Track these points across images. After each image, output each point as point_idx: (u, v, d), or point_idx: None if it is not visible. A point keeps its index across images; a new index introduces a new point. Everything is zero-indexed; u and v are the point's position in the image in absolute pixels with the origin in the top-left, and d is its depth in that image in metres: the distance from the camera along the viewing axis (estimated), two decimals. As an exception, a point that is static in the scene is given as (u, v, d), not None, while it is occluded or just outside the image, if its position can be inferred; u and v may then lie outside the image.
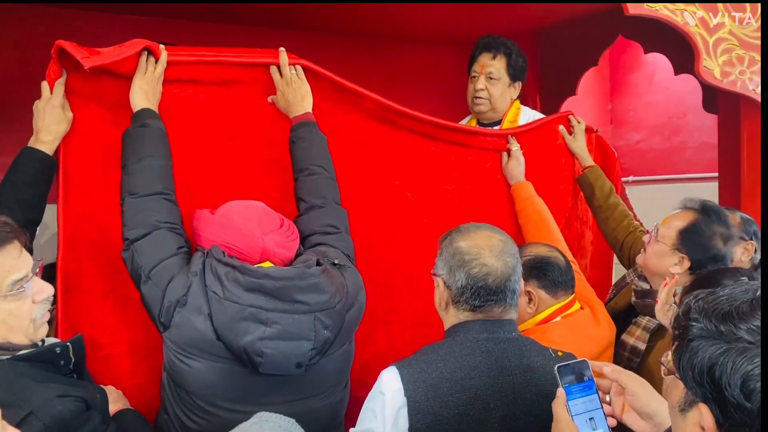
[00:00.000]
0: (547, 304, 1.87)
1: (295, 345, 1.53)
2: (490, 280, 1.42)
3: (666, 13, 2.42)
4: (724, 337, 0.77)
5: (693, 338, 0.81)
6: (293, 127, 1.86)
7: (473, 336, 1.43)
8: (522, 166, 2.34)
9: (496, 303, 1.44)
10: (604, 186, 2.45)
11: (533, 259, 1.88)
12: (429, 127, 2.20)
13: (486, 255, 1.44)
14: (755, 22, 2.63)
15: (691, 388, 0.81)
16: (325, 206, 1.81)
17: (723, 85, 2.57)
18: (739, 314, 0.78)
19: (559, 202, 2.49)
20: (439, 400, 1.35)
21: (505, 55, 2.58)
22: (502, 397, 1.36)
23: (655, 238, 1.99)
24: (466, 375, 1.37)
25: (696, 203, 2.02)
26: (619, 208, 2.43)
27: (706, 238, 1.93)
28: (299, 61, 1.90)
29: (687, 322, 0.83)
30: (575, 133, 2.51)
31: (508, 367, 1.39)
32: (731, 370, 0.75)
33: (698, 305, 0.83)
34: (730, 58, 2.57)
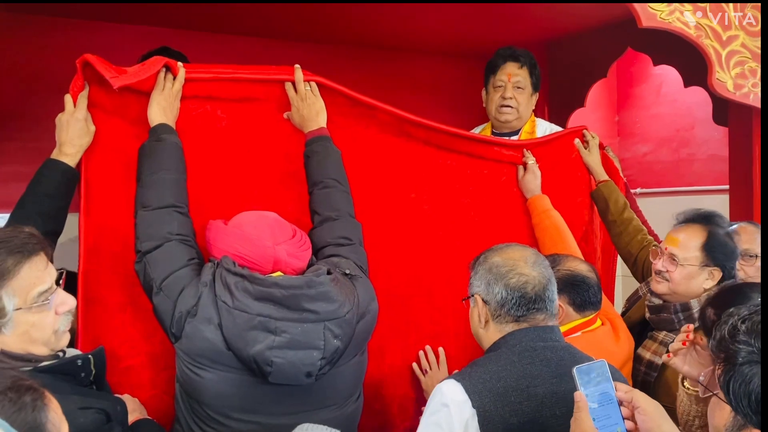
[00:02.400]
0: (571, 319, 1.87)
1: (305, 354, 1.52)
2: (529, 288, 1.44)
3: (679, 26, 2.41)
4: None
5: (744, 362, 0.79)
6: (308, 141, 1.87)
7: (529, 344, 1.43)
8: (538, 179, 2.34)
9: (538, 311, 1.45)
10: (618, 200, 2.44)
11: (571, 275, 1.89)
12: (444, 138, 2.20)
13: (522, 265, 1.46)
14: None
15: (745, 416, 0.79)
16: (339, 218, 1.80)
17: (736, 98, 2.57)
18: None
19: (576, 216, 2.48)
20: (509, 409, 1.34)
21: (529, 66, 2.62)
22: (566, 404, 1.34)
23: (677, 263, 1.97)
24: (530, 383, 1.37)
25: (693, 215, 2.03)
26: (633, 223, 2.42)
27: (726, 244, 1.96)
28: (314, 78, 1.91)
29: (735, 344, 0.81)
30: (590, 147, 2.51)
31: (566, 375, 1.36)
32: None
33: (746, 326, 0.81)
34: (743, 70, 2.56)
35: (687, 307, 1.95)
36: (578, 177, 2.52)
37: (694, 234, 1.98)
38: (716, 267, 1.95)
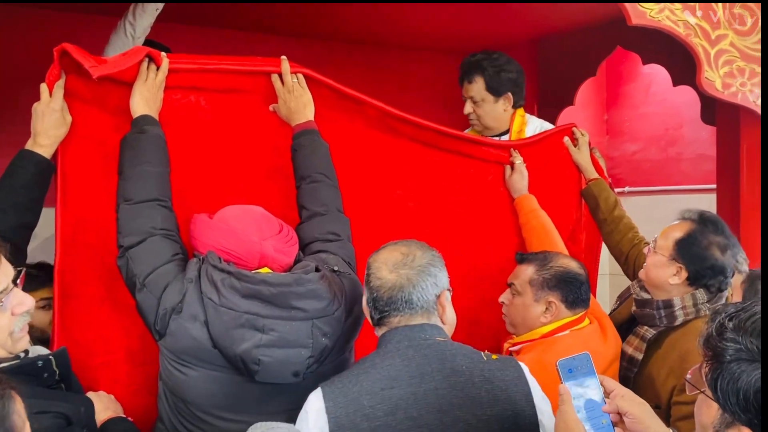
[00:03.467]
0: (562, 316, 1.88)
1: (293, 353, 1.51)
2: (381, 292, 1.44)
3: (668, 24, 2.41)
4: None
5: (731, 360, 0.78)
6: (295, 134, 1.85)
7: (394, 345, 1.42)
8: (525, 179, 2.34)
9: (390, 314, 1.44)
10: (608, 198, 2.44)
11: (564, 272, 1.90)
12: (431, 135, 2.18)
13: (382, 269, 1.46)
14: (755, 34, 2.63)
15: (733, 413, 0.79)
16: (327, 214, 1.79)
17: (724, 97, 2.57)
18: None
19: (564, 215, 2.48)
20: (360, 414, 1.32)
21: (480, 76, 2.55)
22: (425, 404, 1.34)
23: (653, 249, 1.99)
24: (386, 385, 1.35)
25: (694, 214, 2.03)
26: (623, 221, 2.42)
27: (702, 247, 1.93)
28: (301, 70, 1.89)
29: (723, 342, 0.80)
30: (579, 145, 2.51)
31: (429, 373, 1.37)
32: None
33: (734, 324, 0.80)
34: (731, 69, 2.57)
35: (669, 304, 1.96)
36: (567, 175, 2.52)
37: (679, 228, 1.99)
38: (682, 265, 1.94)
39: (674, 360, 1.90)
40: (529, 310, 1.89)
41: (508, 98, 2.58)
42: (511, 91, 2.57)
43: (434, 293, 1.46)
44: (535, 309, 1.89)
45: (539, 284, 1.89)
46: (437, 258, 1.51)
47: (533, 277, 1.90)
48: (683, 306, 1.94)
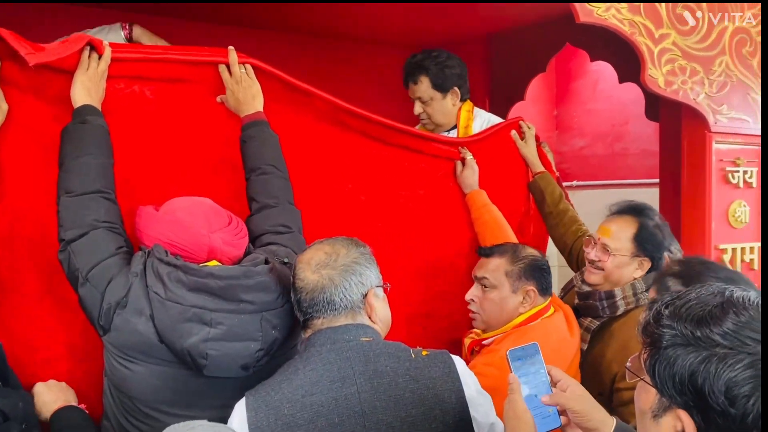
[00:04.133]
0: (537, 304, 1.92)
1: (242, 346, 1.48)
2: (303, 293, 1.42)
3: (614, 22, 2.48)
4: (700, 343, 0.78)
5: (668, 346, 0.80)
6: (244, 126, 1.82)
7: (316, 349, 1.38)
8: (476, 174, 2.36)
9: (313, 316, 1.42)
10: (554, 192, 2.49)
11: (537, 261, 1.95)
12: (381, 130, 2.17)
13: (304, 269, 1.44)
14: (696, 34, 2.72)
15: (670, 397, 0.81)
16: (278, 206, 1.77)
17: (666, 94, 2.65)
18: (713, 318, 0.78)
19: (512, 207, 2.51)
20: (281, 423, 1.29)
21: (425, 75, 2.56)
22: (346, 409, 1.31)
23: (610, 253, 2.03)
24: (307, 392, 1.32)
25: (625, 207, 2.10)
26: (568, 214, 2.48)
27: (655, 234, 2.04)
28: (249, 60, 1.86)
29: (659, 328, 0.82)
30: (526, 139, 2.54)
31: (351, 376, 1.34)
32: (714, 378, 0.75)
33: (669, 311, 0.83)
34: (673, 68, 2.65)
35: (611, 295, 2.02)
36: (515, 169, 2.55)
37: (626, 225, 2.05)
38: (646, 258, 2.02)
39: (616, 348, 1.96)
40: (507, 301, 1.91)
41: (455, 93, 2.61)
42: (456, 85, 2.60)
43: (360, 292, 1.43)
44: (513, 300, 1.91)
45: (517, 275, 1.91)
46: (365, 255, 1.49)
47: (509, 268, 1.93)
48: (624, 296, 2.01)
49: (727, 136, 2.83)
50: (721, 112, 2.79)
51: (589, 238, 2.15)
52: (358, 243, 1.51)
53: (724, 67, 2.79)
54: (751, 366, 0.73)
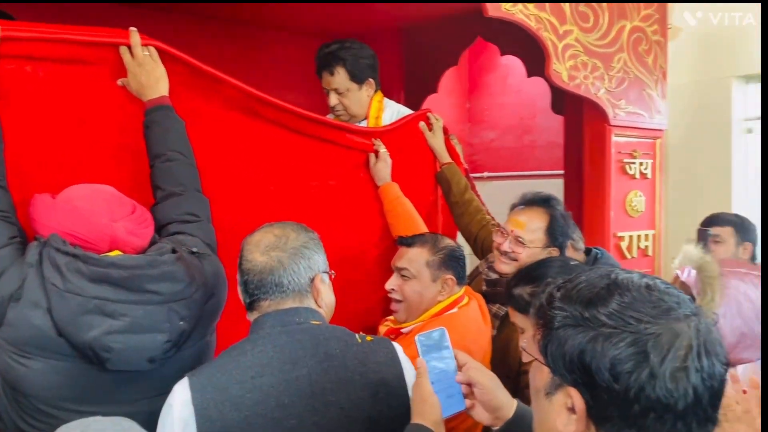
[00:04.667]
0: (453, 292, 1.95)
1: (148, 338, 1.43)
2: (251, 275, 1.41)
3: (521, 17, 2.56)
4: (588, 323, 0.81)
5: (559, 327, 0.84)
6: (148, 110, 1.75)
7: (265, 331, 1.38)
8: (389, 167, 2.38)
9: (260, 298, 1.41)
10: (460, 182, 2.55)
11: (453, 250, 1.98)
12: (294, 119, 2.14)
13: (253, 251, 1.43)
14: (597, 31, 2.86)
15: (561, 375, 0.84)
16: (184, 194, 1.71)
17: (570, 88, 2.77)
18: (599, 300, 0.82)
19: (421, 197, 2.54)
20: (229, 404, 1.28)
21: (341, 67, 2.54)
22: (297, 391, 1.31)
23: (524, 245, 2.10)
24: (256, 373, 1.31)
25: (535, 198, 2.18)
26: (473, 204, 2.54)
27: (563, 226, 2.14)
28: (153, 43, 1.77)
29: (552, 310, 0.85)
30: (434, 130, 2.58)
31: (302, 358, 1.34)
32: (600, 356, 0.79)
33: (561, 293, 0.86)
34: (576, 63, 2.77)
35: None
36: (423, 160, 2.58)
37: (538, 217, 2.12)
38: (555, 247, 2.11)
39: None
40: (427, 290, 1.94)
41: (370, 84, 2.61)
42: (371, 76, 2.60)
43: (308, 276, 1.43)
44: (433, 289, 1.94)
45: (437, 264, 1.94)
46: (313, 240, 1.49)
47: (430, 258, 1.95)
48: None
49: (625, 129, 2.99)
50: (620, 106, 2.95)
51: (500, 229, 2.20)
52: (307, 229, 1.51)
53: (622, 64, 2.95)
54: (634, 344, 0.77)
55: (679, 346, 0.78)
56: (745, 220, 2.74)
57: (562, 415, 0.84)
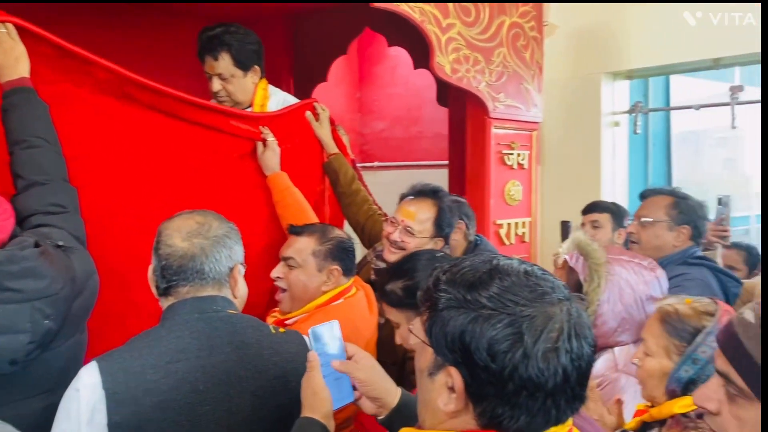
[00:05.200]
0: (340, 284, 1.95)
1: (8, 339, 1.34)
2: (171, 260, 1.39)
3: (405, 9, 2.59)
4: (470, 305, 0.84)
5: (443, 308, 0.87)
6: (5, 93, 1.62)
7: (183, 318, 1.37)
8: (277, 156, 2.34)
9: (179, 284, 1.40)
10: (347, 173, 2.56)
11: (343, 242, 1.97)
12: (173, 104, 2.04)
13: (174, 236, 1.41)
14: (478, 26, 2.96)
15: (443, 355, 0.87)
16: (49, 183, 1.60)
17: (452, 81, 2.85)
18: (481, 283, 0.86)
19: (309, 188, 2.51)
20: (142, 389, 1.27)
21: (226, 51, 2.45)
22: (213, 377, 1.33)
23: (414, 235, 2.15)
24: (172, 359, 1.30)
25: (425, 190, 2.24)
26: (360, 194, 2.57)
27: (450, 217, 2.21)
28: (11, 19, 1.64)
29: (437, 293, 0.88)
30: (321, 120, 2.56)
31: (219, 346, 1.35)
32: (479, 336, 0.82)
33: (446, 277, 0.89)
34: (458, 56, 2.85)
35: None
36: (310, 150, 2.56)
37: (427, 208, 2.18)
38: (441, 238, 2.17)
39: (408, 318, 2.09)
40: (312, 280, 1.92)
41: (255, 71, 2.55)
42: (257, 63, 2.54)
43: (228, 266, 1.42)
44: (318, 279, 1.92)
45: (323, 255, 1.93)
46: (233, 230, 1.48)
47: (316, 248, 1.94)
48: None
49: (504, 122, 3.12)
50: (499, 99, 3.07)
51: (391, 219, 2.23)
52: (225, 219, 1.49)
53: (501, 59, 3.07)
54: (510, 325, 0.82)
55: (551, 328, 0.82)
56: (621, 207, 2.94)
57: (443, 394, 0.87)
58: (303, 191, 2.39)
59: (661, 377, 1.39)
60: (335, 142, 2.60)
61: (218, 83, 2.49)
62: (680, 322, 1.39)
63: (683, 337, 1.38)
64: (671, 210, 2.30)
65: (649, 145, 4.75)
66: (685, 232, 2.27)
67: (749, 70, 4.79)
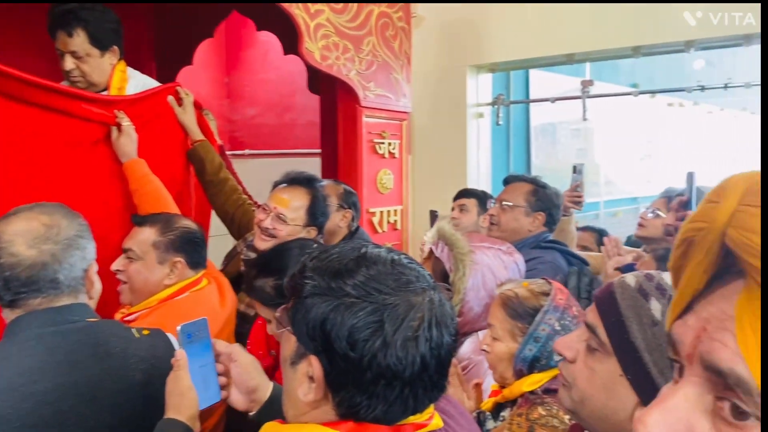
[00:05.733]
0: (185, 277, 1.85)
1: None
2: (18, 270, 1.25)
3: (273, -7, 2.53)
4: (334, 293, 0.83)
5: (307, 295, 0.85)
6: None
7: (35, 332, 1.24)
8: (134, 142, 2.21)
9: (29, 295, 1.26)
10: (214, 161, 2.47)
11: (189, 233, 1.88)
12: (18, 86, 1.87)
13: (17, 243, 1.26)
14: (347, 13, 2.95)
15: (304, 343, 0.85)
16: None
17: (322, 68, 2.83)
18: (347, 271, 0.84)
19: (171, 177, 2.39)
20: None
21: (82, 29, 2.28)
22: (76, 395, 1.21)
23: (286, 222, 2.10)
24: (28, 380, 1.18)
25: (299, 178, 2.21)
26: (229, 183, 2.48)
27: (324, 206, 2.20)
28: None
29: (302, 280, 0.86)
30: (184, 106, 2.45)
31: (82, 361, 1.24)
32: (339, 324, 0.81)
33: (312, 264, 0.88)
34: (328, 43, 2.83)
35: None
36: (172, 136, 2.44)
37: (300, 196, 2.14)
38: (314, 227, 2.15)
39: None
40: (153, 273, 1.82)
41: (114, 51, 2.38)
42: (116, 43, 2.38)
43: (82, 268, 1.30)
44: (159, 272, 1.82)
45: (165, 246, 1.84)
46: (84, 226, 1.35)
47: (157, 239, 1.84)
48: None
49: (375, 111, 3.15)
50: (370, 88, 3.09)
51: (263, 206, 2.18)
52: (74, 212, 1.35)
53: (371, 47, 3.09)
54: (372, 313, 0.81)
55: (413, 317, 0.82)
56: (487, 194, 3.07)
57: (303, 383, 0.86)
58: (166, 180, 2.27)
59: (510, 359, 1.46)
60: (201, 128, 2.49)
61: (71, 62, 2.30)
62: (520, 305, 1.47)
63: (525, 318, 1.45)
64: (530, 197, 2.44)
65: (511, 136, 5.02)
66: (540, 219, 2.42)
67: (599, 65, 5.21)
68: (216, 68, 4.63)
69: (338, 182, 2.65)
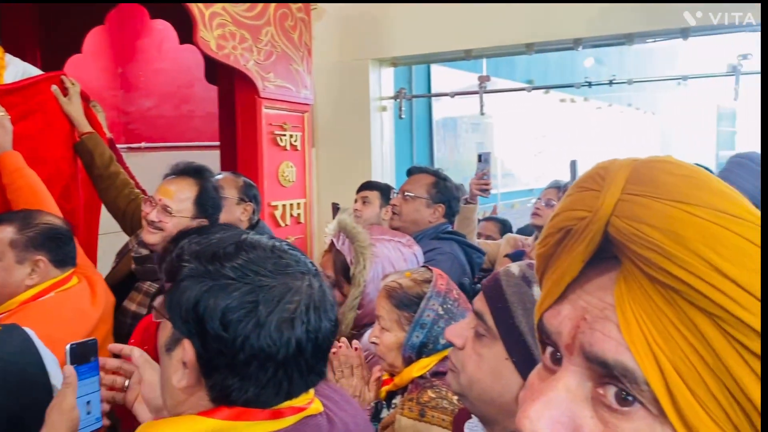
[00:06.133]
0: (50, 277, 1.74)
1: None
2: None
3: (164, -21, 2.44)
4: (210, 275, 0.81)
5: (183, 278, 0.83)
6: None
7: None
8: (9, 134, 2.06)
9: None
10: (103, 154, 2.35)
11: (51, 229, 1.77)
12: None
13: None
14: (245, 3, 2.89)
15: (178, 327, 0.83)
16: None
17: (219, 57, 2.76)
18: (226, 255, 0.83)
19: (56, 171, 2.26)
20: None
21: None
22: None
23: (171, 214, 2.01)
24: None
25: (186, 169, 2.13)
26: (120, 177, 2.37)
27: (215, 198, 2.11)
28: None
29: (179, 263, 0.84)
30: (70, 96, 2.31)
31: None
32: (213, 305, 0.79)
33: (190, 248, 0.86)
34: (224, 32, 2.76)
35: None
36: (57, 128, 2.30)
37: (187, 187, 2.06)
38: (205, 218, 2.06)
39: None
40: (11, 274, 1.70)
41: None
42: None
43: None
44: (19, 272, 1.70)
45: (23, 245, 1.71)
46: None
47: (15, 237, 1.71)
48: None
49: (275, 102, 3.10)
50: (269, 79, 3.04)
51: (149, 198, 2.09)
52: None
53: (270, 38, 3.04)
54: (248, 294, 0.80)
55: (289, 300, 0.82)
56: (390, 187, 3.09)
57: (177, 370, 0.84)
58: (50, 174, 2.15)
59: (399, 348, 1.49)
60: (89, 120, 2.36)
61: None
62: (405, 294, 1.49)
63: (410, 307, 1.48)
64: (431, 189, 2.49)
65: (414, 130, 5.10)
66: (441, 210, 2.48)
67: (496, 62, 5.38)
68: (108, 57, 4.41)
69: (237, 174, 2.58)
